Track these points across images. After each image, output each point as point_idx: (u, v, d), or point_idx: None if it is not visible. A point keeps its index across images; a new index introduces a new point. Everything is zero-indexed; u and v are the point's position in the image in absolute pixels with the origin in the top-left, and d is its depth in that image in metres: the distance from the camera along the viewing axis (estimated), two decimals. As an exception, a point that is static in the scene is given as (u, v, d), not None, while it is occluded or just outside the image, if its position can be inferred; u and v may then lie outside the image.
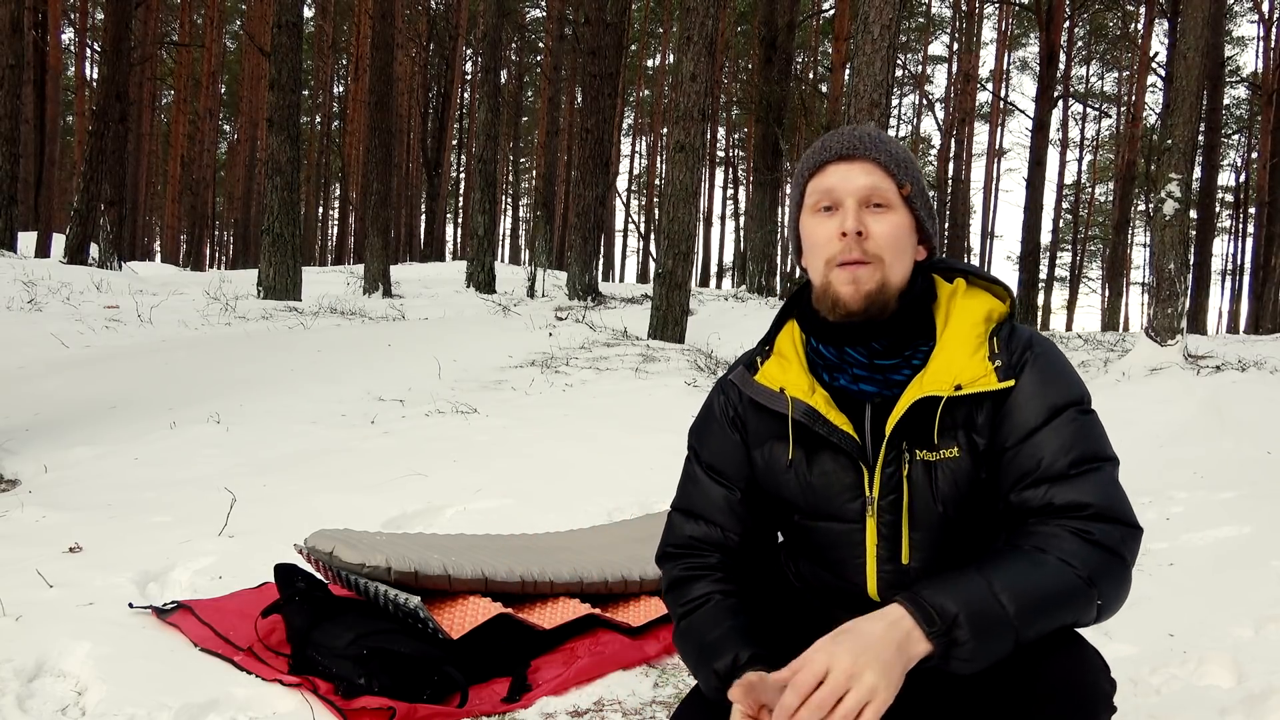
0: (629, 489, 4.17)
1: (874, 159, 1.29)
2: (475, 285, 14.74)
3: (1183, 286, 7.77)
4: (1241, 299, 31.03)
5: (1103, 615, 1.21)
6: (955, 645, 1.11)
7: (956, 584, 1.15)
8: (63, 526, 3.37)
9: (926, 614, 1.12)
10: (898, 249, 1.29)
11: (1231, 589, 3.00)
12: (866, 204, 1.29)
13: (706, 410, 1.47)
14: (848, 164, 1.30)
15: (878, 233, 1.28)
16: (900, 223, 1.30)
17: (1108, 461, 1.25)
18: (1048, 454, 1.24)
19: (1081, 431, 1.25)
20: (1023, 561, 1.18)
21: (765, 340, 1.44)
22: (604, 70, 13.97)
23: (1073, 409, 1.26)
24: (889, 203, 1.29)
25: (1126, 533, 1.22)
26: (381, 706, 2.08)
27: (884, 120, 7.54)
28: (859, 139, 1.31)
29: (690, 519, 1.43)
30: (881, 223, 1.28)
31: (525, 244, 42.01)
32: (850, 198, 1.28)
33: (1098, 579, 1.18)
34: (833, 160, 1.31)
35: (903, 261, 1.30)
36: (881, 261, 1.28)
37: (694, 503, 1.43)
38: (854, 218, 1.27)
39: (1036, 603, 1.14)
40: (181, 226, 36.96)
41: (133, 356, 6.95)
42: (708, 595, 1.35)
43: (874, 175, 1.29)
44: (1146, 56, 25.79)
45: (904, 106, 37.85)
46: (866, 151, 1.29)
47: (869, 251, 1.27)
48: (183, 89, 34.39)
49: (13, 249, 14.28)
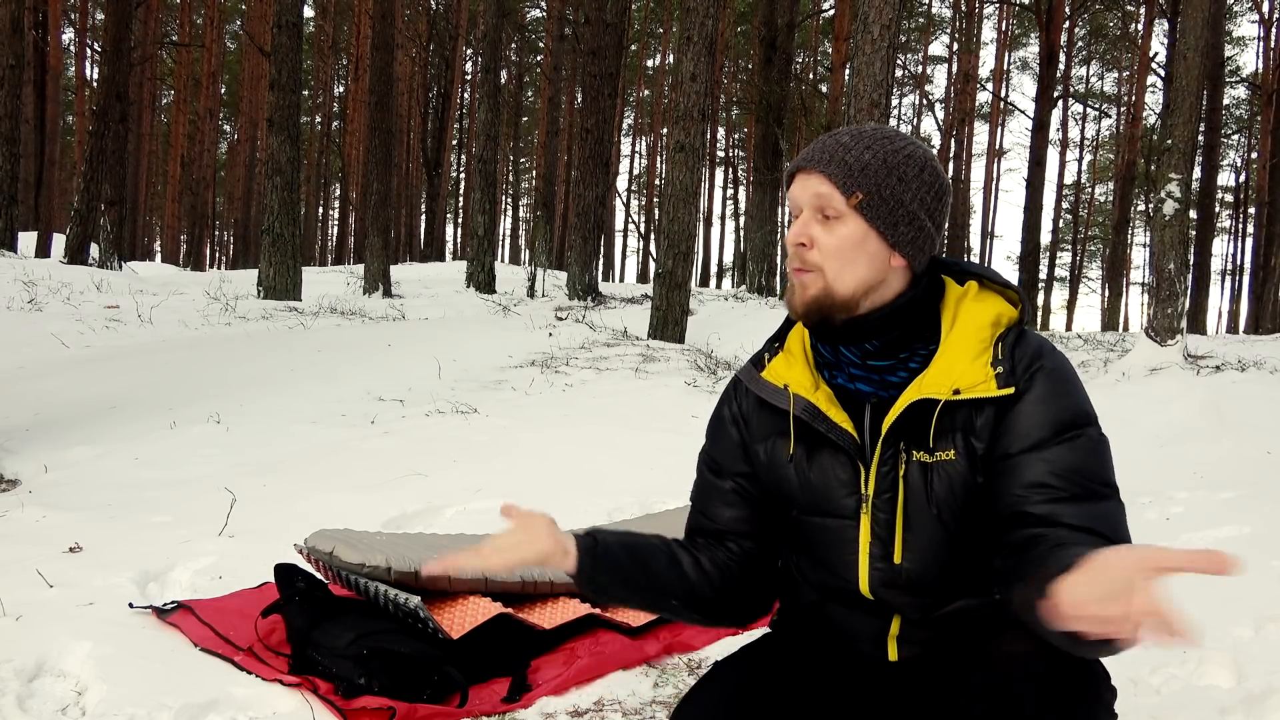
0: (629, 489, 4.16)
1: (822, 170, 1.31)
2: (475, 285, 14.74)
3: (1183, 286, 7.76)
4: (1241, 299, 31.06)
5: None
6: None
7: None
8: (63, 526, 3.37)
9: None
10: (843, 259, 1.30)
11: (1231, 589, 2.99)
12: (820, 214, 1.31)
13: (717, 408, 1.51)
14: (804, 175, 1.33)
15: (822, 243, 1.30)
16: (846, 234, 1.30)
17: (1112, 488, 1.25)
18: (1050, 469, 1.23)
19: (1094, 454, 1.25)
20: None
21: (776, 336, 1.46)
22: (604, 70, 13.97)
23: (1086, 428, 1.26)
24: (837, 213, 1.30)
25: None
26: (381, 706, 2.09)
27: (884, 120, 7.53)
28: (816, 150, 1.34)
29: (695, 514, 1.48)
30: (826, 234, 1.30)
31: (525, 244, 42.00)
32: (805, 208, 1.32)
33: None
34: (796, 171, 1.35)
35: (852, 271, 1.30)
36: (822, 271, 1.30)
37: (700, 497, 1.49)
38: (797, 229, 1.32)
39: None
40: (181, 226, 36.99)
41: (133, 356, 6.95)
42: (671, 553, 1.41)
43: (822, 186, 1.30)
44: (1146, 56, 25.81)
45: (904, 106, 37.87)
46: (816, 163, 1.32)
47: (809, 261, 1.30)
48: (183, 89, 34.42)
49: (13, 249, 14.28)
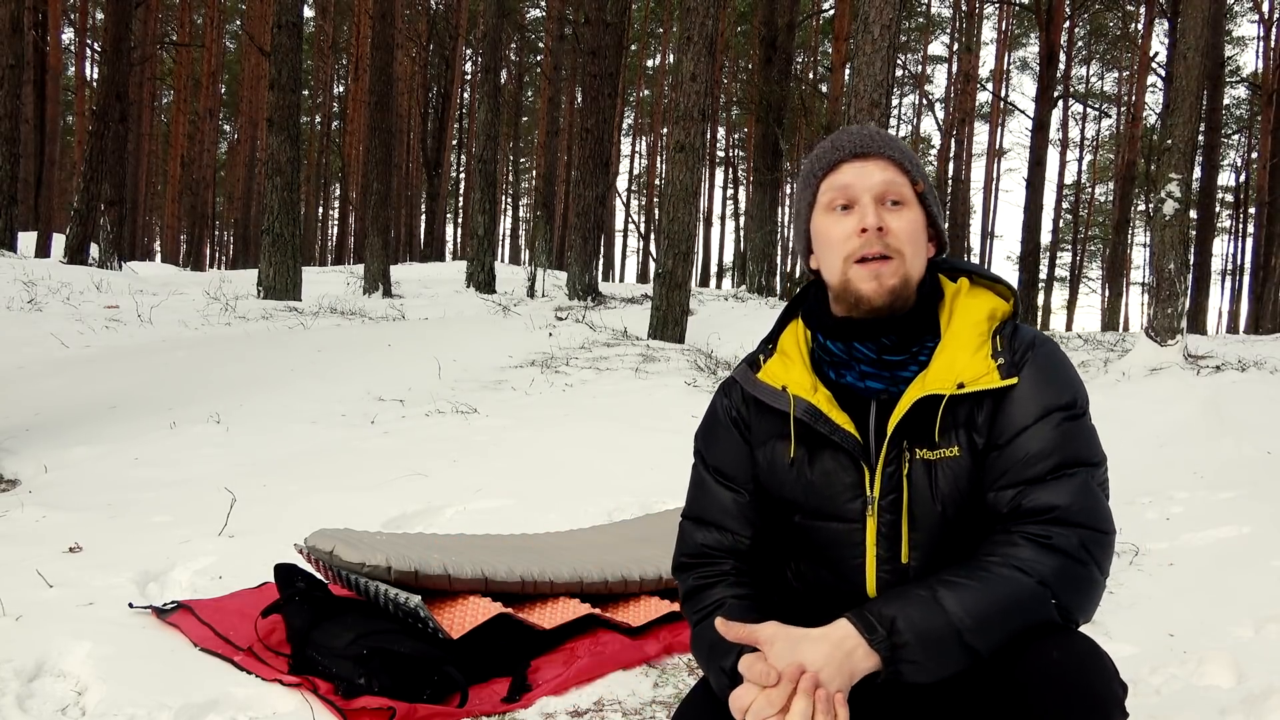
0: (629, 489, 4.16)
1: (889, 156, 1.32)
2: (475, 285, 14.74)
3: (1183, 286, 7.75)
4: (1241, 299, 31.05)
5: (1073, 616, 1.21)
6: (898, 650, 1.14)
7: (902, 593, 1.19)
8: (63, 526, 3.37)
9: (868, 622, 1.15)
10: (916, 244, 1.32)
11: (1231, 589, 3.00)
12: (883, 201, 1.31)
13: (710, 414, 1.47)
14: (863, 161, 1.32)
15: (897, 228, 1.30)
16: (916, 219, 1.32)
17: (1087, 466, 1.25)
18: (1029, 456, 1.24)
19: (1066, 436, 1.25)
20: (971, 567, 1.20)
21: (769, 339, 1.45)
22: (604, 70, 13.97)
23: (1061, 412, 1.26)
24: (905, 199, 1.31)
25: (1089, 536, 1.21)
26: (381, 706, 2.08)
27: (884, 120, 7.53)
28: (873, 137, 1.34)
29: (701, 526, 1.42)
30: (899, 218, 1.30)
31: (525, 244, 41.99)
32: (867, 194, 1.30)
33: (1051, 581, 1.18)
34: (847, 159, 1.33)
35: (921, 257, 1.33)
36: (903, 256, 1.30)
37: (704, 509, 1.43)
38: (874, 213, 1.29)
39: (982, 606, 1.16)
40: (181, 226, 36.96)
41: (133, 356, 6.95)
42: (720, 600, 1.36)
43: (889, 172, 1.31)
44: (1146, 56, 25.78)
45: (904, 106, 37.89)
46: (881, 149, 1.32)
47: (890, 246, 1.29)
48: (183, 89, 34.40)
49: (13, 249, 14.27)
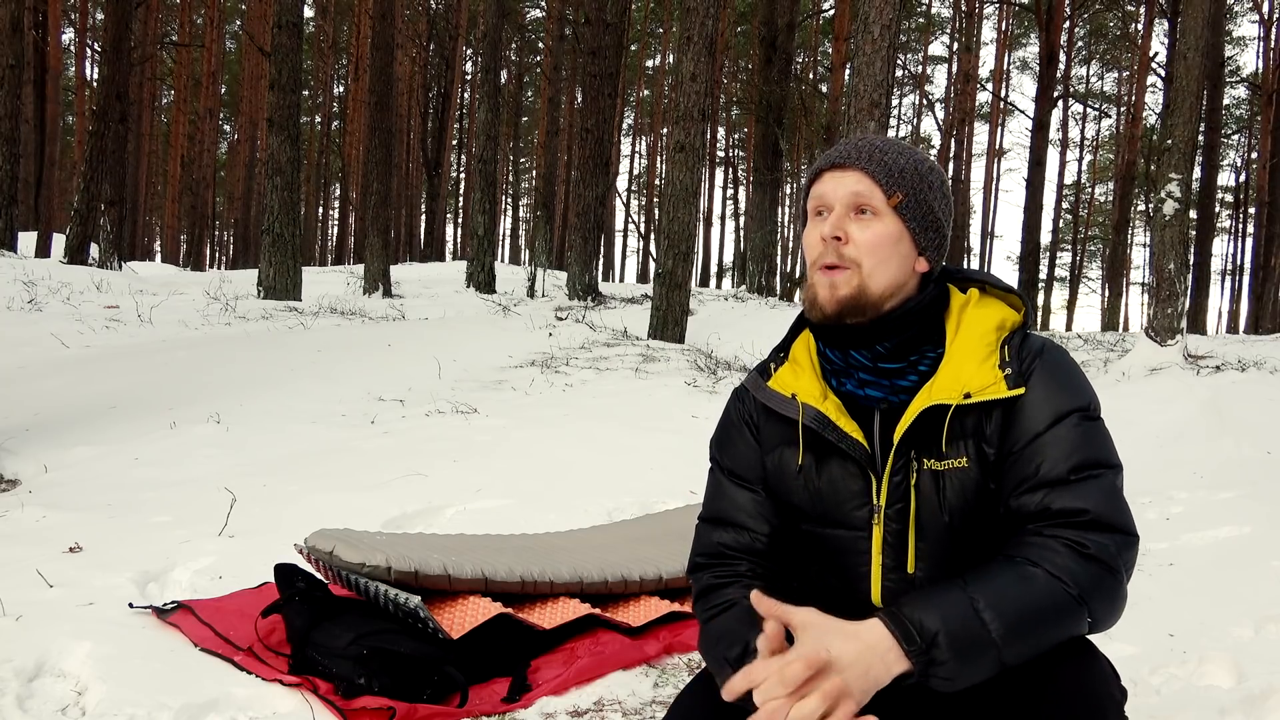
0: (629, 489, 4.17)
1: (862, 168, 1.32)
2: (475, 285, 14.74)
3: (1183, 286, 7.76)
4: (1241, 299, 31.07)
5: (1094, 630, 1.21)
6: (934, 664, 1.11)
7: (940, 600, 1.15)
8: (63, 526, 3.37)
9: (906, 631, 1.12)
10: (878, 256, 1.30)
11: (1231, 589, 3.00)
12: (855, 211, 1.31)
13: (725, 419, 1.48)
14: (840, 172, 1.33)
15: (858, 239, 1.30)
16: (884, 231, 1.31)
17: (1110, 469, 1.25)
18: (1049, 459, 1.23)
19: (1085, 437, 1.25)
20: (1011, 575, 1.17)
21: (781, 347, 1.45)
22: (604, 70, 13.96)
23: (1077, 414, 1.26)
24: (875, 210, 1.31)
25: (1123, 541, 1.21)
26: (381, 706, 2.08)
27: (884, 120, 7.52)
28: (853, 148, 1.35)
29: (718, 526, 1.42)
30: (864, 230, 1.31)
31: (525, 244, 41.99)
32: (839, 204, 1.32)
33: (1089, 596, 1.17)
34: (827, 168, 1.35)
35: (885, 269, 1.31)
36: (859, 267, 1.30)
37: (721, 510, 1.43)
38: (833, 223, 1.31)
39: (1023, 622, 1.14)
40: (181, 226, 36.97)
41: (133, 356, 6.95)
42: (733, 600, 1.35)
43: (862, 183, 1.32)
44: (1146, 56, 25.79)
45: (904, 106, 37.91)
46: (856, 161, 1.33)
47: (845, 256, 1.30)
48: (183, 89, 34.40)
49: (13, 249, 14.27)
